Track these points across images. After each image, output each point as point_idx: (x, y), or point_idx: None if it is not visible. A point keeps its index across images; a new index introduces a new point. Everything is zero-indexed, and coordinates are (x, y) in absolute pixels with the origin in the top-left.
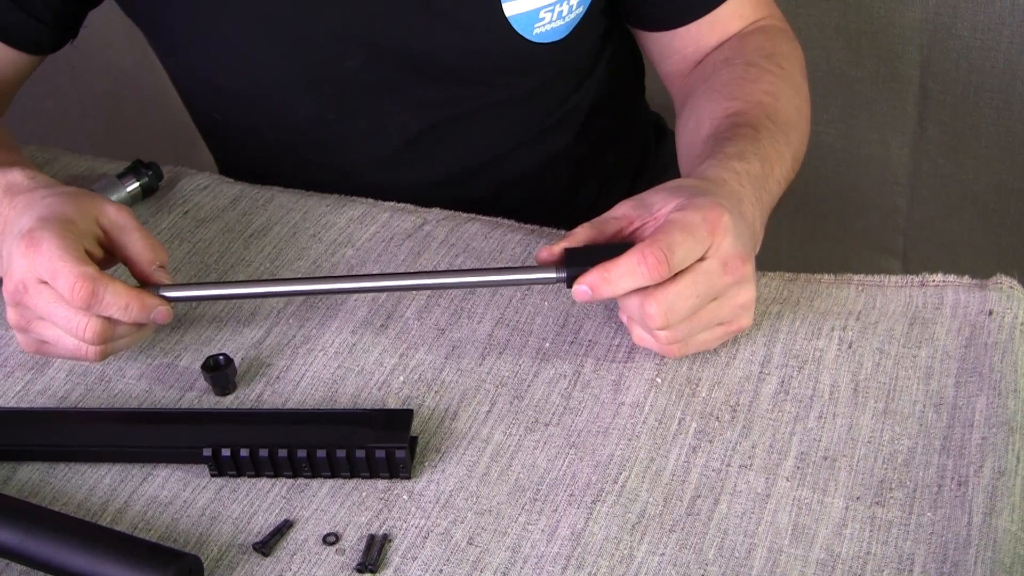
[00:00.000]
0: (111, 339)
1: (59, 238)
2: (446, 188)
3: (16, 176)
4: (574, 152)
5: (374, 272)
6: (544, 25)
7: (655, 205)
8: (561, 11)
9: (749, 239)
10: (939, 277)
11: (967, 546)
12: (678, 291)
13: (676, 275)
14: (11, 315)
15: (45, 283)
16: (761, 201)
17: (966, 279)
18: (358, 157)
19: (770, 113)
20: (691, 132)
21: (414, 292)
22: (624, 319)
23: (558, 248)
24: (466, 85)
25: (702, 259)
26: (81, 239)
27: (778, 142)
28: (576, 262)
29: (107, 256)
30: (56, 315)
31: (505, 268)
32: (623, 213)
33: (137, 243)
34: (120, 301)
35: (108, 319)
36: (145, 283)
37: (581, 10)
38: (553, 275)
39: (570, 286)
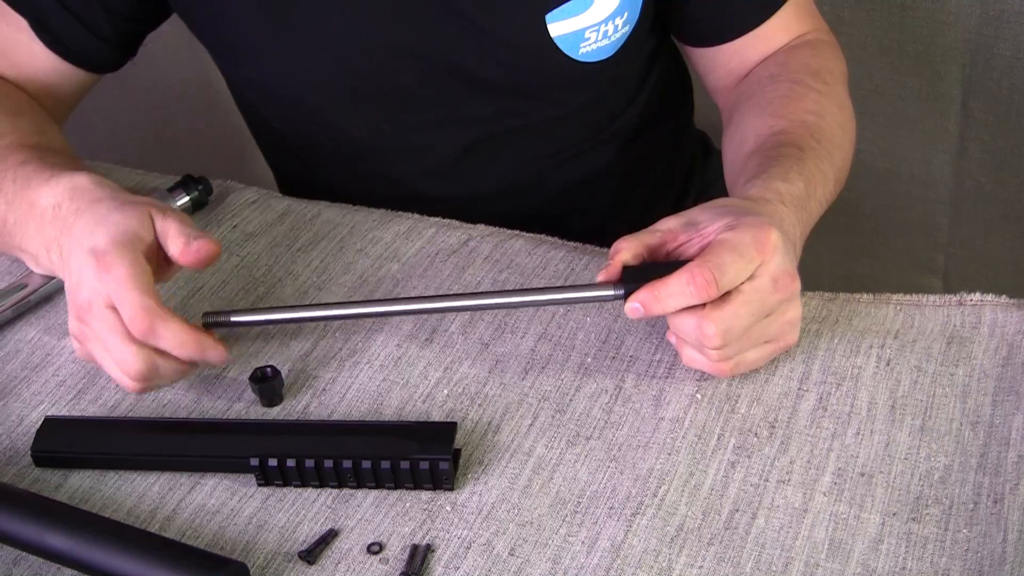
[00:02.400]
0: (152, 380)
1: (129, 265)
2: (495, 200)
3: (82, 180)
4: (621, 167)
5: (433, 294)
6: (590, 45)
7: (701, 223)
8: (607, 31)
9: (793, 255)
10: (977, 296)
11: (1002, 563)
12: (735, 311)
13: (729, 295)
14: (72, 326)
15: (111, 308)
16: (802, 222)
17: (1004, 298)
18: (410, 168)
19: (814, 133)
20: (736, 148)
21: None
22: (672, 340)
23: (616, 266)
24: (516, 101)
25: (752, 278)
26: (150, 258)
27: (822, 162)
28: (633, 280)
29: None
30: (109, 343)
31: (565, 287)
32: (668, 228)
33: (178, 237)
34: (176, 338)
35: (155, 360)
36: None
37: (627, 29)
38: (611, 292)
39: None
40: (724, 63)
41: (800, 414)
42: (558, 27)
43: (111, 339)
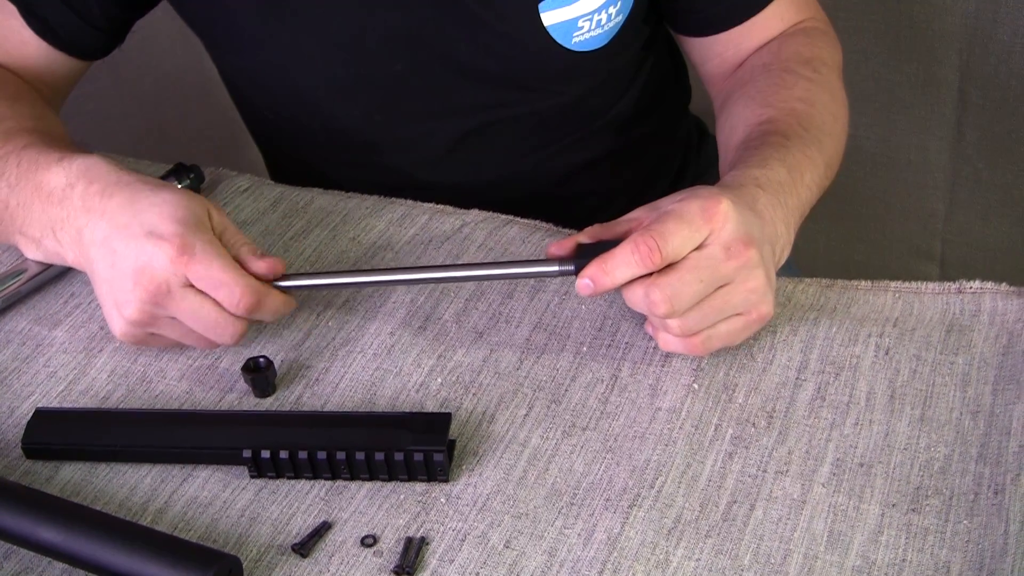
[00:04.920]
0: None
1: (212, 245)
2: (489, 189)
3: (97, 161)
4: (615, 156)
5: (389, 267)
6: (583, 34)
7: (663, 206)
8: (600, 20)
9: (757, 228)
10: (976, 284)
11: (1003, 554)
12: (680, 276)
13: (679, 262)
14: (134, 312)
15: (190, 287)
16: (785, 205)
17: (1004, 286)
18: (404, 158)
19: (803, 120)
20: (726, 138)
21: (450, 293)
22: (650, 330)
23: (569, 242)
24: (510, 91)
25: (702, 246)
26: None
27: (809, 148)
28: (585, 256)
29: None
30: (199, 319)
31: (517, 261)
32: (636, 216)
33: (243, 246)
34: (276, 306)
35: (247, 323)
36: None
37: (620, 19)
38: (556, 268)
39: None
40: (719, 52)
41: (798, 404)
42: (551, 16)
43: (203, 315)
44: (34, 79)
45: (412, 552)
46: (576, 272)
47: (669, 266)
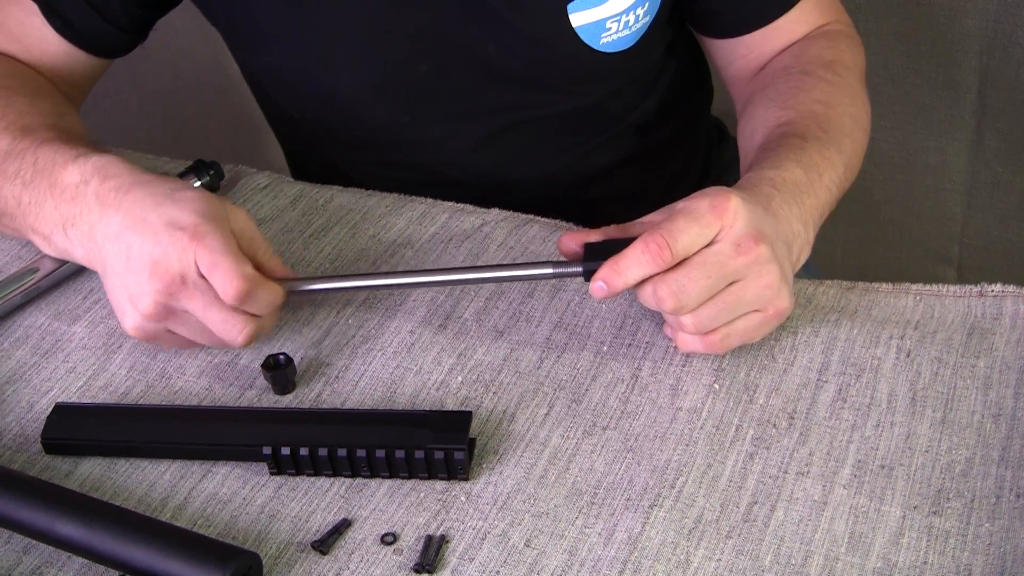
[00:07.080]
0: (255, 339)
1: (222, 234)
2: (512, 190)
3: (113, 160)
4: (639, 157)
5: (383, 271)
6: (611, 35)
7: (676, 207)
8: (627, 21)
9: (770, 226)
10: (998, 287)
11: None
12: (686, 272)
13: (688, 259)
14: (149, 305)
15: (204, 278)
16: (802, 205)
17: None
18: (429, 158)
19: (821, 122)
20: (746, 140)
21: (470, 292)
22: (669, 332)
23: (581, 236)
24: (536, 92)
25: (712, 243)
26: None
27: (827, 149)
28: (595, 257)
29: None
30: (210, 316)
31: (523, 264)
32: (650, 219)
33: (265, 254)
34: (271, 298)
35: (256, 321)
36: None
37: (648, 19)
38: (551, 271)
39: (587, 280)
40: (743, 55)
41: (819, 405)
42: (580, 17)
43: (212, 312)
44: (54, 76)
45: (432, 550)
46: (584, 274)
47: (679, 263)
